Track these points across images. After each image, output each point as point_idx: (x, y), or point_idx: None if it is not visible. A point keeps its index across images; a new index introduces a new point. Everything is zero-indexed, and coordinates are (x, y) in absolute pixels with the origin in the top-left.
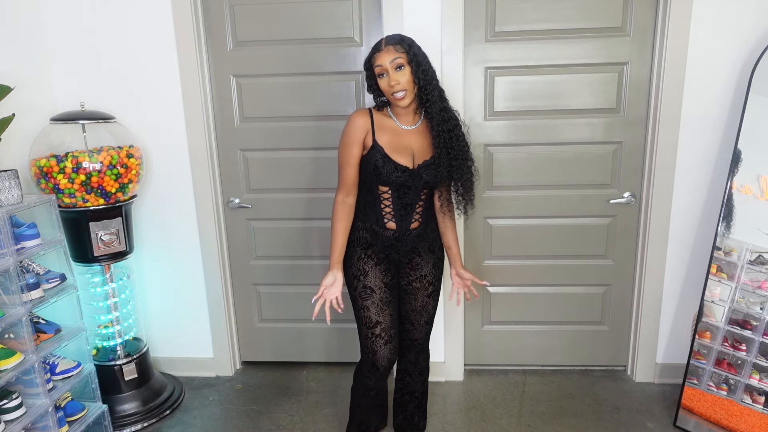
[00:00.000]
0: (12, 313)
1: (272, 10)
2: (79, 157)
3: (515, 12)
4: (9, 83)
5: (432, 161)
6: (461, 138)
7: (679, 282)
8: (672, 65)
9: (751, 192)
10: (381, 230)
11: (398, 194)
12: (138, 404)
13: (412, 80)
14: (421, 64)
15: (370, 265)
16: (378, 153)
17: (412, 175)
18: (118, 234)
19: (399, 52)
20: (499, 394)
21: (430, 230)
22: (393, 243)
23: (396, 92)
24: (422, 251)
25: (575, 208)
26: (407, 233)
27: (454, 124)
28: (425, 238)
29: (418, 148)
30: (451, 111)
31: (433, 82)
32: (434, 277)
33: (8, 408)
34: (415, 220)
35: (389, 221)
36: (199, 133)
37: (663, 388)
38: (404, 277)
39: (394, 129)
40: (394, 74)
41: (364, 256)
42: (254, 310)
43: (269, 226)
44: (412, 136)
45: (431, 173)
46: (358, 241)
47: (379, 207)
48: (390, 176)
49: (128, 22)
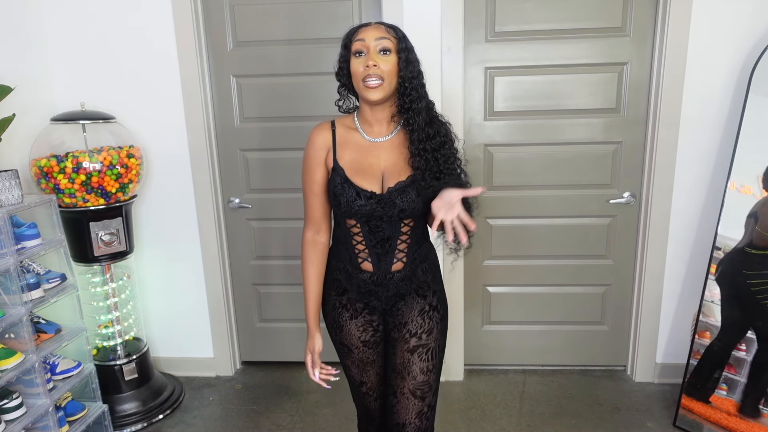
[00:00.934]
0: (12, 313)
1: (272, 10)
2: (79, 157)
3: (515, 12)
4: (9, 83)
5: (408, 182)
6: (451, 158)
7: (678, 282)
8: (672, 65)
9: (750, 192)
10: (356, 272)
11: (369, 227)
12: (138, 404)
13: (395, 72)
14: (411, 61)
15: (345, 317)
16: (338, 176)
17: (381, 203)
18: (119, 234)
19: (389, 34)
20: (499, 394)
21: (422, 272)
22: (371, 288)
23: (369, 78)
24: (406, 295)
25: (575, 208)
26: (388, 277)
27: (441, 142)
28: (413, 281)
29: (390, 166)
30: (442, 124)
31: (420, 88)
32: (419, 328)
33: (9, 408)
34: (398, 260)
35: (364, 261)
36: (199, 133)
37: (663, 388)
38: (386, 326)
39: (358, 143)
40: (376, 56)
41: (339, 305)
42: (254, 310)
43: (269, 226)
44: (382, 151)
45: (407, 199)
46: (332, 285)
47: (351, 244)
48: (351, 205)
49: (128, 22)
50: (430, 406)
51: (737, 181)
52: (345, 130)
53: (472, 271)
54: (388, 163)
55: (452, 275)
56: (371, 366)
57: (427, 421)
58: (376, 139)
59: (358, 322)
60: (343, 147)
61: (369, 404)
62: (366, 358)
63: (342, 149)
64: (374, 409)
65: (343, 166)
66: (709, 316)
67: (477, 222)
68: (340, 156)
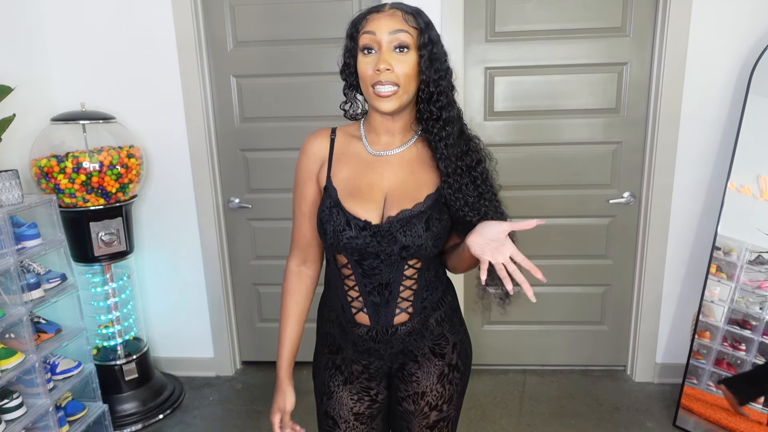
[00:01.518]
0: (13, 312)
1: (272, 10)
2: (79, 157)
3: (515, 12)
4: (9, 83)
5: (415, 212)
6: (489, 181)
7: (678, 282)
8: (671, 65)
9: (750, 192)
10: (350, 326)
11: (363, 269)
12: (138, 404)
13: (414, 75)
14: (437, 58)
15: (338, 382)
16: (328, 198)
17: (377, 236)
18: (119, 234)
19: (409, 24)
20: (499, 394)
21: (435, 322)
22: (370, 346)
23: (381, 84)
24: (418, 353)
25: (575, 208)
26: (390, 332)
27: (476, 160)
28: (425, 336)
29: (396, 188)
30: (471, 139)
31: (449, 91)
32: (440, 398)
33: (9, 408)
34: (402, 310)
35: (358, 312)
36: (199, 133)
37: (662, 387)
38: (394, 391)
39: (359, 156)
40: (390, 55)
41: (331, 365)
42: (254, 310)
43: (269, 226)
44: (387, 168)
45: (412, 234)
46: (325, 340)
47: (342, 289)
48: (338, 237)
49: (129, 22)
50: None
51: (737, 181)
52: (346, 139)
53: (472, 270)
54: (394, 185)
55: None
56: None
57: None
58: (382, 153)
59: (353, 388)
60: (341, 161)
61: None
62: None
63: (338, 164)
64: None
65: (337, 186)
66: (709, 316)
67: None
68: (334, 172)
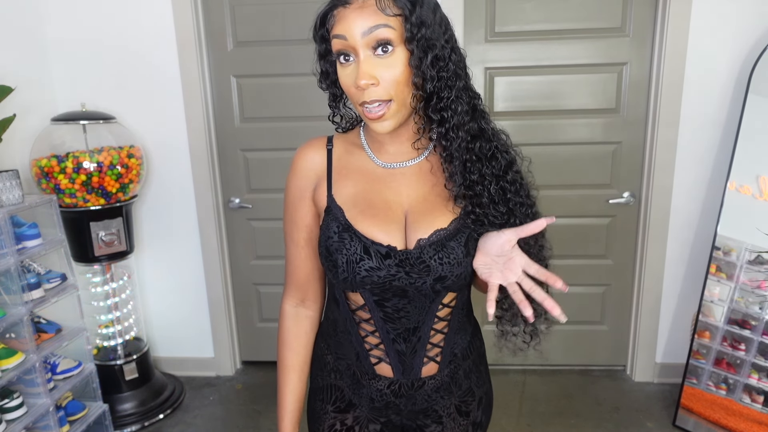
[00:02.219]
0: (13, 312)
1: (272, 10)
2: (79, 157)
3: (515, 12)
4: (10, 83)
5: (453, 230)
6: (522, 189)
7: (678, 282)
8: (671, 65)
9: (750, 192)
10: (367, 379)
11: (385, 312)
12: (138, 404)
13: (407, 78)
14: (433, 44)
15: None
16: (333, 222)
17: (405, 266)
18: (119, 234)
19: (388, 13)
20: (499, 394)
21: (464, 374)
22: (391, 401)
23: (368, 103)
24: (443, 413)
25: (575, 208)
26: (416, 386)
27: (505, 163)
28: (453, 392)
29: (418, 205)
30: (495, 134)
31: (455, 81)
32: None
33: (9, 407)
34: (431, 359)
35: (379, 362)
36: (200, 133)
37: (662, 387)
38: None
39: (365, 170)
40: (369, 63)
41: (340, 426)
42: (254, 310)
43: (269, 226)
44: (404, 181)
45: (451, 261)
46: (329, 395)
47: (357, 335)
48: (355, 270)
49: (129, 22)
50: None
51: (737, 181)
52: (345, 149)
53: None
54: (415, 201)
55: None
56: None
57: None
58: (395, 165)
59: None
60: (342, 175)
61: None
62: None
63: (340, 179)
64: None
65: (342, 205)
66: (709, 315)
67: None
68: (336, 189)
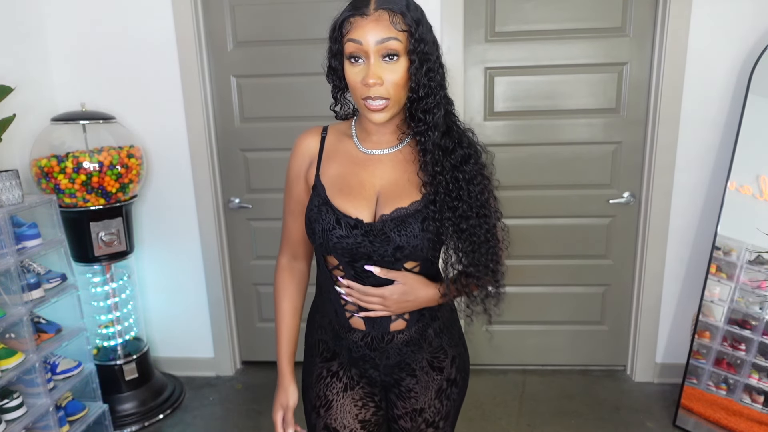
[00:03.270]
0: (13, 312)
1: (272, 10)
2: (79, 157)
3: (515, 12)
4: (10, 83)
5: (411, 211)
6: (477, 179)
7: (678, 282)
8: (671, 65)
9: (750, 192)
10: (344, 331)
11: (355, 271)
12: (138, 404)
13: (405, 82)
14: (428, 58)
15: (336, 389)
16: (316, 197)
17: (369, 236)
18: (119, 234)
19: (397, 28)
20: (499, 394)
21: (434, 333)
22: (365, 353)
23: (371, 98)
24: (417, 368)
25: (575, 208)
26: (386, 339)
27: (463, 156)
28: (423, 347)
29: (389, 186)
30: (463, 132)
31: (438, 91)
32: (437, 415)
33: (9, 407)
34: (398, 317)
35: (353, 316)
36: (199, 133)
37: (662, 387)
38: (390, 409)
39: (349, 155)
40: (378, 66)
41: (326, 373)
42: (254, 310)
43: (269, 226)
44: (380, 166)
45: (407, 234)
46: (316, 348)
47: (335, 292)
48: (328, 236)
49: (129, 22)
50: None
51: (737, 181)
52: (337, 137)
53: None
54: (387, 183)
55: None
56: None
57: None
58: (374, 151)
59: (355, 394)
60: (330, 159)
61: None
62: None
63: (328, 162)
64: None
65: (325, 184)
66: (709, 316)
67: None
68: (323, 170)
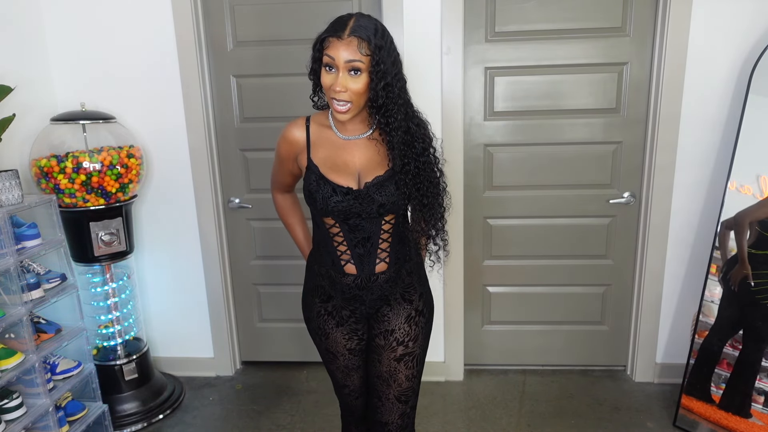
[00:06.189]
0: (13, 312)
1: (272, 10)
2: (79, 157)
3: (515, 12)
4: (9, 83)
5: (387, 177)
6: (430, 165)
7: (678, 282)
8: (671, 65)
9: (750, 192)
10: (339, 276)
11: (348, 226)
12: (138, 404)
13: (365, 90)
14: (385, 76)
15: (331, 325)
16: (312, 174)
17: (359, 199)
18: (119, 234)
19: (362, 53)
20: (499, 394)
21: (406, 272)
22: (356, 293)
23: (337, 100)
24: (392, 298)
25: (575, 208)
26: (372, 279)
27: (421, 149)
28: (398, 283)
29: (366, 162)
30: (419, 125)
31: (396, 98)
32: (406, 336)
33: (9, 408)
34: (381, 260)
35: (347, 263)
36: (199, 133)
37: (663, 387)
38: (370, 330)
39: (332, 141)
40: (344, 78)
41: (324, 312)
42: (254, 310)
43: (269, 226)
44: (356, 148)
45: (386, 193)
46: (316, 291)
47: (332, 246)
48: (327, 202)
49: (128, 22)
50: (412, 408)
51: (737, 181)
52: (319, 127)
53: (472, 271)
54: (364, 160)
55: (452, 275)
56: (355, 371)
57: (408, 420)
58: (350, 137)
59: (344, 330)
60: (317, 145)
61: (351, 402)
62: (351, 364)
63: (316, 147)
64: (356, 406)
65: (318, 164)
66: (709, 316)
67: (477, 222)
68: (314, 154)
